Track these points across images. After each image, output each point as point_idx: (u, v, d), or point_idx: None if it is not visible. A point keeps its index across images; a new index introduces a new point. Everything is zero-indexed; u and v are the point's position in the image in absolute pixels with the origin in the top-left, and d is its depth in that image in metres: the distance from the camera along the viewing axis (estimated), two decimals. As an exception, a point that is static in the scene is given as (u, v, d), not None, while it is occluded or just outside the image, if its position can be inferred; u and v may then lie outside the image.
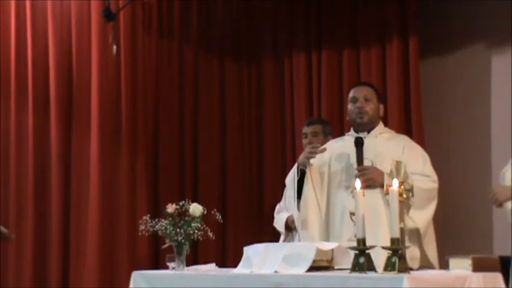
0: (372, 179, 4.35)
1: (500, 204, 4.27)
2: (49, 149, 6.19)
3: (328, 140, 5.21)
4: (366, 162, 4.45)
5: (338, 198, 4.53)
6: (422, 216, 4.36)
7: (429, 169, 4.53)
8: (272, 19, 7.09)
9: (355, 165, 4.45)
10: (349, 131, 4.79)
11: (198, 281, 4.19)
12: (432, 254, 4.47)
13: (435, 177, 4.52)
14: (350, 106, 4.67)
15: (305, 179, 4.57)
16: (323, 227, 4.56)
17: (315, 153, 4.51)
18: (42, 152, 6.17)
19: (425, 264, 4.42)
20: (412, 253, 4.31)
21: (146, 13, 6.67)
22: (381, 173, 4.35)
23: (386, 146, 4.55)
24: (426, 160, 4.57)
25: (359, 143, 4.44)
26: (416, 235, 4.40)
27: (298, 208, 4.60)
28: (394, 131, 4.89)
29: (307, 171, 4.56)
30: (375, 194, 4.37)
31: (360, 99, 4.61)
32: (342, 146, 4.65)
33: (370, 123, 4.62)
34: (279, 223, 5.74)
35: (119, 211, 6.28)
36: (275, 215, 5.84)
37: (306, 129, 5.71)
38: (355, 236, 3.77)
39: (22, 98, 6.14)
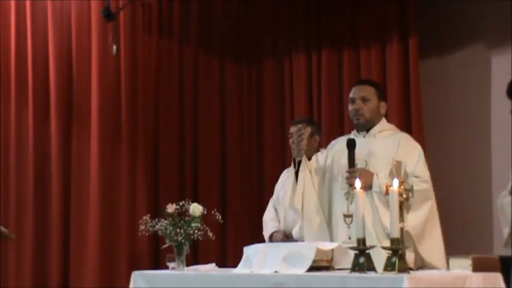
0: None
1: None
2: (49, 149, 6.18)
3: (315, 140, 5.20)
4: (360, 162, 4.42)
5: (335, 201, 4.52)
6: (412, 219, 4.15)
7: (420, 169, 4.39)
8: (272, 19, 7.10)
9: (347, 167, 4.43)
10: (351, 130, 4.77)
11: (198, 281, 4.19)
12: (432, 255, 4.34)
13: (426, 177, 4.39)
14: (349, 106, 4.65)
15: (301, 167, 4.48)
16: (323, 220, 4.50)
17: (303, 139, 4.46)
18: (42, 152, 6.16)
19: (423, 266, 4.36)
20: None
21: (146, 13, 6.66)
22: (371, 175, 4.32)
23: (381, 144, 4.49)
24: (420, 159, 4.44)
25: (350, 145, 4.41)
26: (409, 237, 4.28)
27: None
28: (397, 129, 4.77)
29: (303, 160, 4.49)
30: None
31: (357, 100, 4.57)
32: (341, 148, 4.63)
33: (368, 124, 4.58)
34: (266, 235, 5.60)
35: (119, 211, 6.28)
36: (264, 223, 5.66)
37: (292, 129, 5.33)
38: (349, 238, 3.76)
39: (22, 98, 6.14)
